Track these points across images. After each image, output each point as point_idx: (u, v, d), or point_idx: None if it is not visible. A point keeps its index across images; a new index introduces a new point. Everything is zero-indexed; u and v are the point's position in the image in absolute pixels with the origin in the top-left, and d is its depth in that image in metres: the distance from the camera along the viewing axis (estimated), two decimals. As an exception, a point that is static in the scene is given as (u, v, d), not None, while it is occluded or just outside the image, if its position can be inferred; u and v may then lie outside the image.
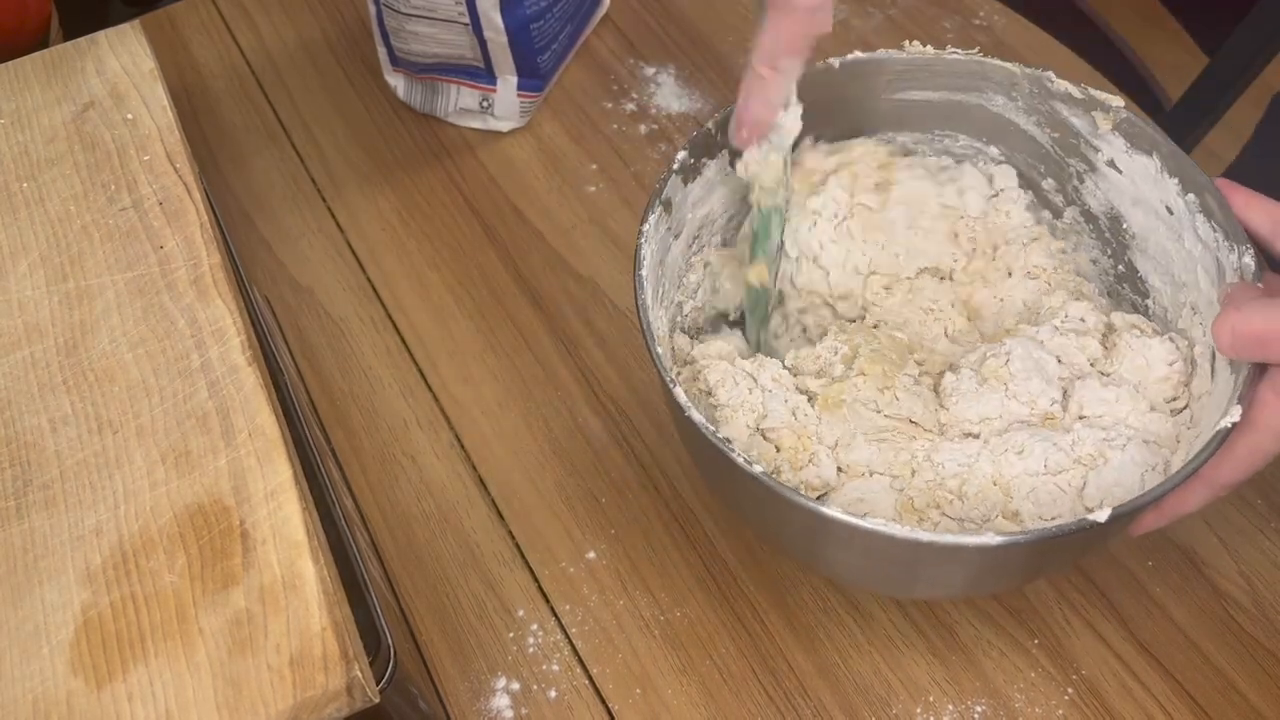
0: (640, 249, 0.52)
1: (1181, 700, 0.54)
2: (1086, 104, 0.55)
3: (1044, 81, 0.56)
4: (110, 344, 0.48)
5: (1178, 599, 0.57)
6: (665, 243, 0.55)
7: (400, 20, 0.74)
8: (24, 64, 0.60)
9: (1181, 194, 0.52)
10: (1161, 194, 0.53)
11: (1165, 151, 0.53)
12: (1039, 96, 0.56)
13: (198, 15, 0.88)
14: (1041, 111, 0.57)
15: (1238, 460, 0.45)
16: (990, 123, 0.59)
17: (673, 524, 0.61)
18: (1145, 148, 0.54)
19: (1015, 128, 0.58)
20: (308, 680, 0.39)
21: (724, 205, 0.59)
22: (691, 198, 0.57)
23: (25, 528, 0.43)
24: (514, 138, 0.79)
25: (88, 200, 0.54)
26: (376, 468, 0.64)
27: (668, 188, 0.54)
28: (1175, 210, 0.53)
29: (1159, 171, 0.53)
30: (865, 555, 0.48)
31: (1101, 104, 0.54)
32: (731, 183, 0.58)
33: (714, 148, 0.56)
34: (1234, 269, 0.49)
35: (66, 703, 0.39)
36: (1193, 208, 0.51)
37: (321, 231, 0.75)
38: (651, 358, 0.48)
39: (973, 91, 0.58)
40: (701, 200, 0.58)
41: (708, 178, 0.57)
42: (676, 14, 0.85)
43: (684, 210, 0.57)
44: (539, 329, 0.69)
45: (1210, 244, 0.51)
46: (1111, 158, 0.55)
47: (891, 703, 0.55)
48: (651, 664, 0.56)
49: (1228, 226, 0.49)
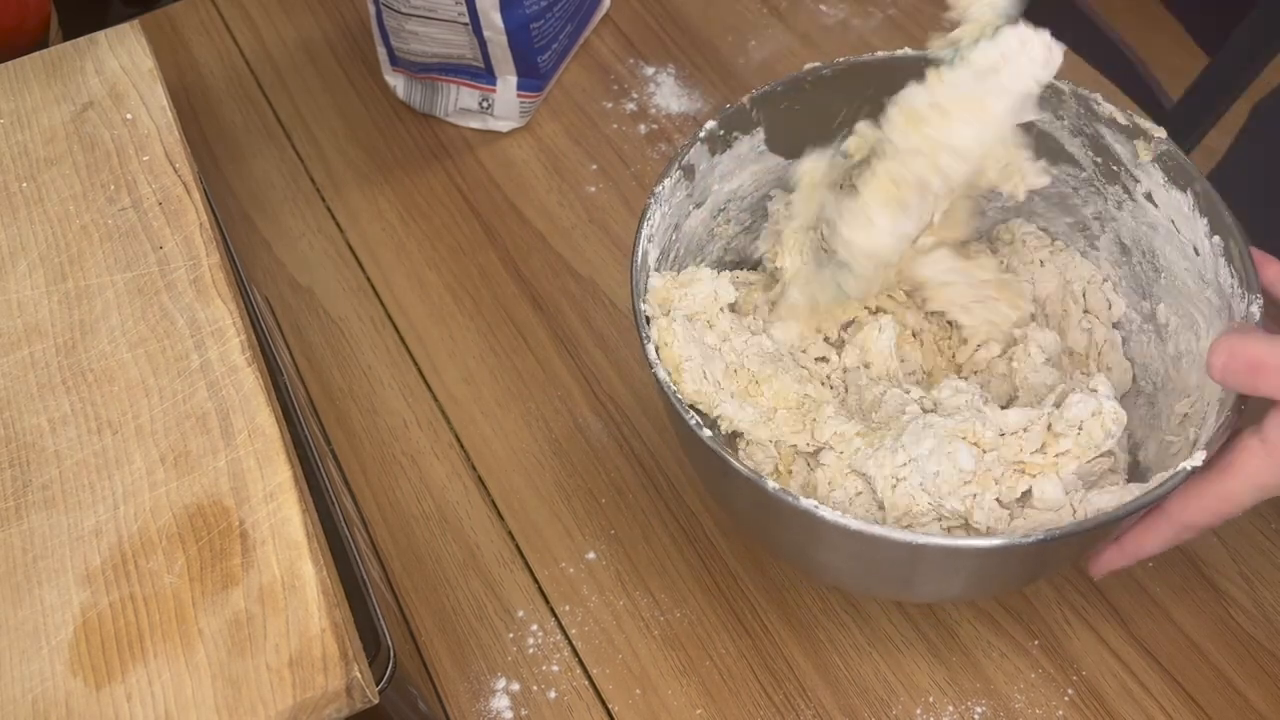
0: (650, 208, 0.52)
1: (1181, 700, 0.54)
2: (1130, 131, 0.54)
3: (1091, 103, 0.54)
4: (110, 344, 0.48)
5: (1178, 599, 0.57)
6: (684, 209, 0.55)
7: (400, 20, 0.74)
8: (24, 64, 0.60)
9: (1209, 235, 0.51)
10: (1191, 233, 0.52)
11: (1199, 190, 0.51)
12: (1085, 118, 0.55)
13: (197, 15, 0.88)
14: (1086, 134, 0.55)
15: (1207, 504, 0.45)
16: (1036, 138, 0.57)
17: (673, 524, 0.61)
18: (1181, 184, 0.52)
19: (1060, 148, 0.57)
20: (307, 681, 0.39)
21: (754, 183, 0.59)
22: (720, 169, 0.57)
23: (24, 528, 0.43)
24: (514, 138, 0.79)
25: (87, 200, 0.54)
26: (376, 468, 0.64)
27: (690, 154, 0.54)
28: (1201, 252, 0.52)
29: (1191, 209, 0.52)
30: (859, 559, 0.49)
31: (1145, 132, 0.53)
32: (766, 160, 0.58)
33: (749, 123, 0.56)
34: (1241, 316, 0.48)
35: (66, 703, 0.39)
36: (1217, 250, 0.50)
37: (321, 231, 0.75)
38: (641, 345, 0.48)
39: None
40: (730, 174, 0.57)
41: (739, 153, 0.57)
42: (676, 14, 0.85)
43: (709, 180, 0.56)
44: (539, 329, 0.69)
45: (1226, 289, 0.50)
46: (1149, 190, 0.54)
47: (891, 704, 0.55)
48: (651, 664, 0.56)
49: (1244, 273, 0.48)
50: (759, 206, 0.61)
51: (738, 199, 0.59)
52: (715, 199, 0.58)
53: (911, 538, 0.43)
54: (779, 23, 0.84)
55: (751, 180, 0.59)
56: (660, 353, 0.51)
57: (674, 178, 0.53)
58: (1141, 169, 0.54)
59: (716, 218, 0.58)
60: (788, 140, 0.58)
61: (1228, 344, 0.44)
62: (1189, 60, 0.98)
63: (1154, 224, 0.55)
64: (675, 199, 0.54)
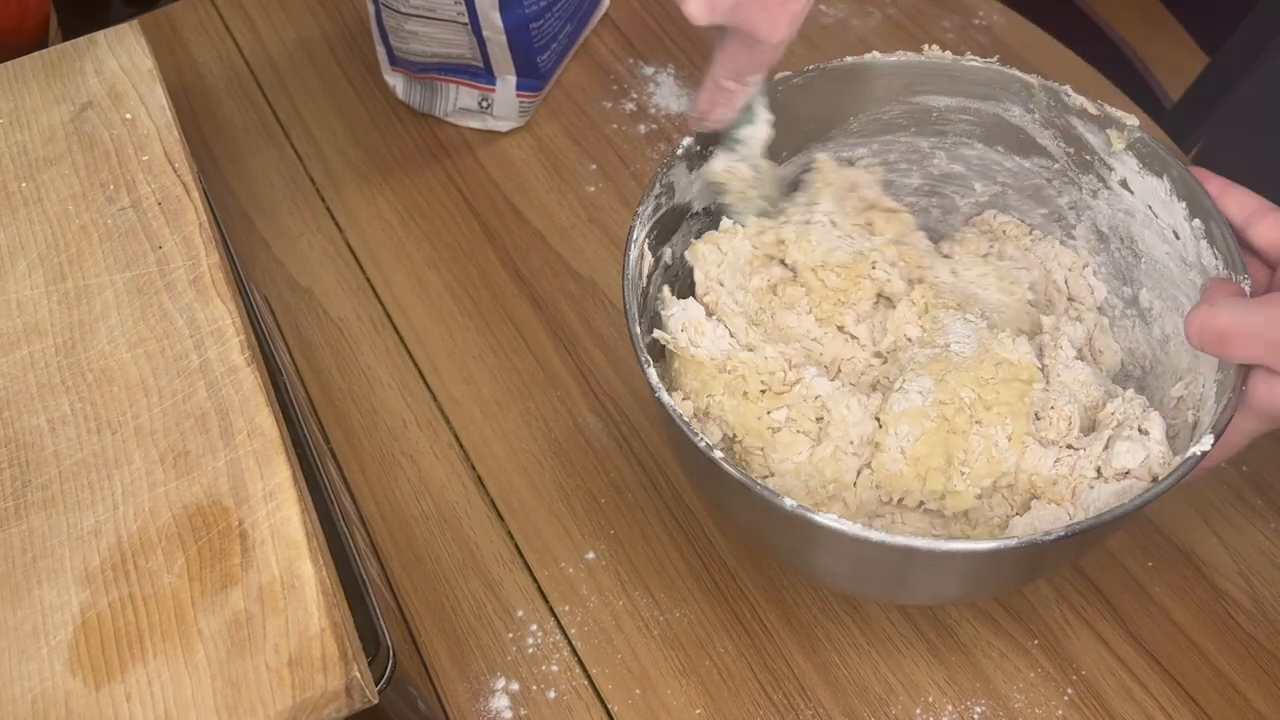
0: (633, 236, 0.52)
1: (1181, 700, 0.54)
2: (1102, 120, 0.54)
3: (1061, 95, 0.55)
4: (109, 344, 0.48)
5: (1178, 599, 0.57)
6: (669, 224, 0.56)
7: (399, 20, 0.74)
8: (23, 64, 0.60)
9: (1188, 219, 0.51)
10: (1170, 218, 0.53)
11: (1175, 175, 0.52)
12: (1055, 110, 0.56)
13: (197, 15, 0.88)
14: (1058, 125, 0.56)
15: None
16: (1008, 133, 0.58)
17: (672, 524, 0.61)
18: (1156, 169, 0.53)
19: (1032, 140, 0.58)
20: (306, 681, 0.39)
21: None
22: (698, 186, 0.57)
23: (24, 528, 0.43)
24: (513, 137, 0.79)
25: (86, 200, 0.54)
26: (376, 468, 0.64)
27: (670, 173, 0.55)
28: (1181, 235, 0.52)
29: (1168, 194, 0.52)
30: (855, 562, 0.49)
31: (1117, 121, 0.53)
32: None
33: (721, 137, 0.56)
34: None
35: (65, 703, 0.39)
36: (1198, 233, 0.51)
37: (320, 231, 0.75)
38: (633, 345, 0.48)
39: (990, 100, 0.57)
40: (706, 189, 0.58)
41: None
42: (676, 14, 0.84)
43: (688, 195, 0.57)
44: (538, 329, 0.69)
45: (1211, 270, 0.50)
46: (1124, 177, 0.55)
47: (891, 703, 0.55)
48: (651, 664, 0.56)
49: (1228, 254, 0.49)
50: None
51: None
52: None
53: (905, 541, 0.43)
54: (778, 22, 0.84)
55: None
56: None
57: (654, 199, 0.54)
58: (1115, 157, 0.55)
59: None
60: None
61: (1199, 317, 0.45)
62: (1189, 60, 0.98)
63: (1130, 210, 0.55)
64: (658, 217, 0.55)
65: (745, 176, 0.56)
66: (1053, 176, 0.59)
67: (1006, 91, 0.57)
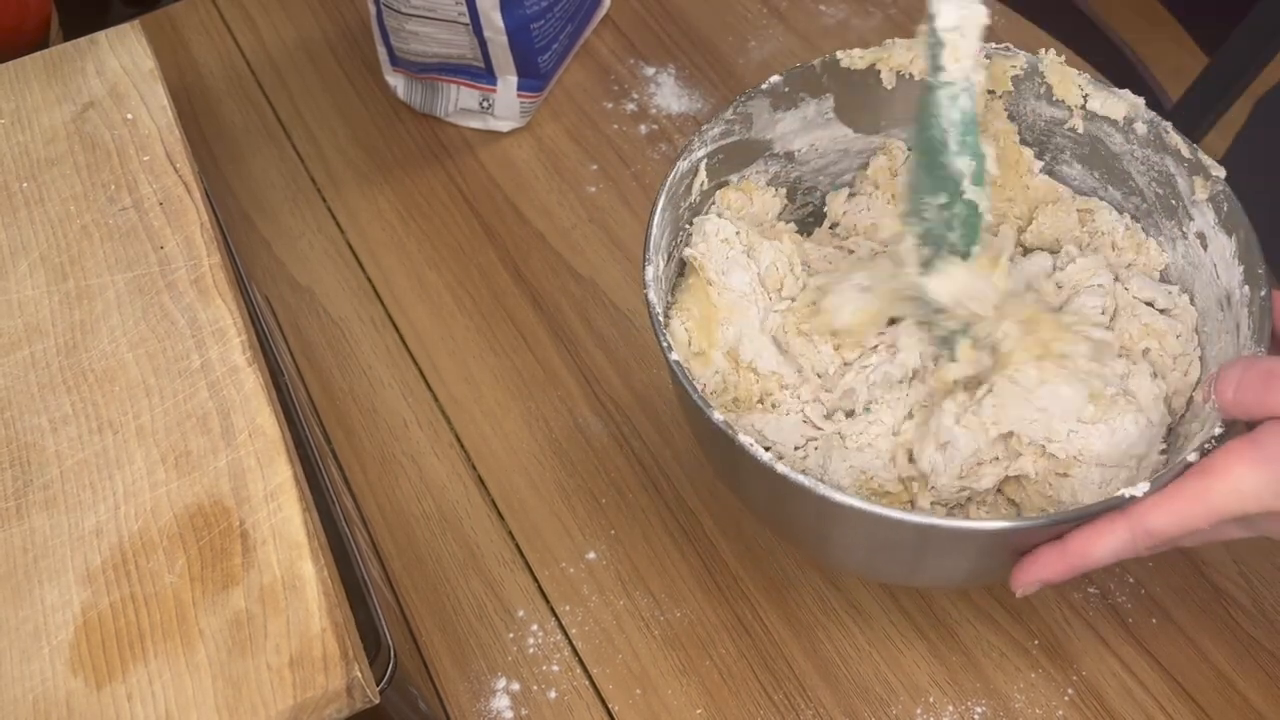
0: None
1: (1181, 700, 0.54)
2: (1192, 166, 0.52)
3: (1160, 130, 0.53)
4: (110, 344, 0.48)
5: (1178, 599, 0.57)
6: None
7: (400, 20, 0.74)
8: (24, 64, 0.60)
9: (1240, 285, 0.50)
10: (1228, 280, 0.51)
11: (1243, 237, 0.50)
12: (1154, 145, 0.54)
13: (198, 15, 0.88)
14: (1153, 163, 0.54)
15: (1176, 506, 0.41)
16: (1106, 159, 0.56)
17: (673, 524, 0.61)
18: (1229, 227, 0.51)
19: (1126, 173, 0.56)
20: (307, 681, 0.39)
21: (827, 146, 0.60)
22: (782, 126, 0.58)
23: (25, 528, 0.43)
24: (514, 138, 0.79)
25: (88, 200, 0.54)
26: (376, 468, 0.64)
27: (749, 104, 0.55)
28: (1233, 301, 0.50)
29: (1233, 256, 0.50)
30: (870, 540, 0.48)
31: (1205, 169, 0.51)
32: (833, 129, 0.59)
33: (816, 87, 0.57)
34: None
35: (66, 703, 0.39)
36: (1244, 300, 0.49)
37: (321, 231, 0.75)
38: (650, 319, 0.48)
39: (1092, 120, 0.56)
40: (795, 133, 0.59)
41: (805, 115, 0.58)
42: (676, 14, 0.85)
43: (769, 134, 0.58)
44: (539, 329, 0.69)
45: (1241, 337, 0.49)
46: (1201, 230, 0.53)
47: (891, 703, 0.55)
48: (651, 664, 0.56)
49: (1258, 326, 0.47)
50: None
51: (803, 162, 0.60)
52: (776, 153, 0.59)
53: (920, 519, 0.44)
54: (779, 23, 0.84)
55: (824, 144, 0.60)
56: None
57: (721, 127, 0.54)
58: (1196, 207, 0.52)
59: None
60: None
61: (1237, 366, 0.43)
62: (1189, 60, 0.98)
63: (1198, 264, 0.53)
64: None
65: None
66: (1139, 217, 0.57)
67: (1107, 118, 0.55)
